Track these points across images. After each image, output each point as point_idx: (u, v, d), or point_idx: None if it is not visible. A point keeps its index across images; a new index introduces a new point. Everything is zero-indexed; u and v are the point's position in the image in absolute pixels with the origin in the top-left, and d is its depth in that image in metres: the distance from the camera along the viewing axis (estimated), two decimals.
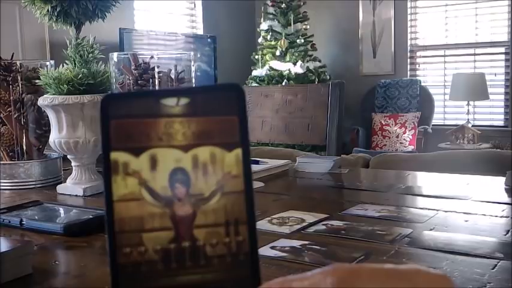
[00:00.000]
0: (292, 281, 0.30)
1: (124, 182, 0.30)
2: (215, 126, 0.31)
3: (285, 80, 5.18)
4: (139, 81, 1.03)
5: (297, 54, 5.34)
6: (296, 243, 0.80)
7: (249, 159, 0.31)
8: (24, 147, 1.30)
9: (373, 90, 5.57)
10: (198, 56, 5.19)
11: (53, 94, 1.16)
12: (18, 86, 1.29)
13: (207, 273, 0.31)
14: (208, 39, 5.40)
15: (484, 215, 0.96)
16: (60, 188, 1.21)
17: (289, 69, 5.24)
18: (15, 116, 1.29)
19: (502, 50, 5.26)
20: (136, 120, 0.31)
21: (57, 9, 1.16)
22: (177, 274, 0.30)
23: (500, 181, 1.21)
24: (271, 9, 5.45)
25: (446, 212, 0.98)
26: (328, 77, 5.44)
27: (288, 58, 5.33)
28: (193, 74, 1.10)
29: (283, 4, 5.40)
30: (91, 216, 0.90)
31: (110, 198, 0.30)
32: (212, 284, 0.31)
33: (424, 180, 1.38)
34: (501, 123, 5.31)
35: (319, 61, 5.43)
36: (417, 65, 5.73)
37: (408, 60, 5.69)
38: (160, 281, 0.30)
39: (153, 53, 1.08)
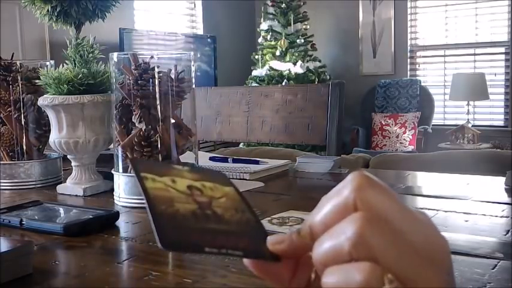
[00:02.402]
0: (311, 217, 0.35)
1: (153, 182, 0.38)
2: (213, 182, 0.41)
3: (285, 80, 5.18)
4: (139, 81, 1.03)
5: (297, 54, 5.34)
6: None
7: (240, 193, 0.41)
8: (24, 147, 1.30)
9: (373, 90, 5.57)
10: (198, 56, 5.19)
11: (53, 94, 1.16)
12: (18, 86, 1.29)
13: (230, 226, 0.37)
14: (208, 39, 5.40)
15: (484, 215, 0.96)
16: (60, 188, 1.21)
17: (289, 69, 5.24)
18: (15, 116, 1.29)
19: (502, 50, 5.26)
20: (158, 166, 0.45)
21: (57, 9, 1.16)
22: (207, 223, 0.36)
23: (500, 181, 1.21)
24: (271, 9, 5.46)
25: (446, 212, 0.98)
26: (328, 77, 5.44)
27: (288, 58, 5.33)
28: (193, 74, 1.10)
29: (283, 4, 5.40)
30: (91, 216, 0.90)
31: (145, 190, 0.36)
32: (235, 233, 0.37)
33: (424, 180, 1.38)
34: (501, 123, 5.31)
35: (319, 61, 5.43)
36: (417, 65, 5.73)
37: (408, 60, 5.69)
38: (194, 222, 0.36)
39: (153, 53, 1.08)
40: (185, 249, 0.37)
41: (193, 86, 1.10)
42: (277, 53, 5.36)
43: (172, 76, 1.05)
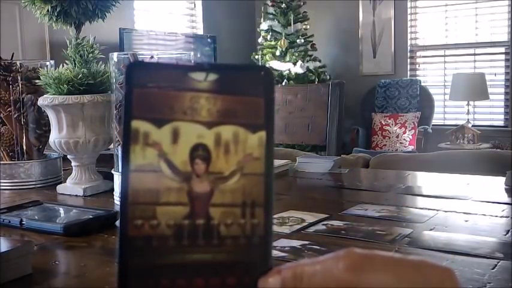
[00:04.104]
0: (304, 265, 0.30)
1: (143, 152, 0.30)
2: (241, 106, 0.31)
3: (285, 80, 5.18)
4: None
5: (297, 54, 5.34)
6: (296, 243, 0.80)
7: (272, 142, 0.31)
8: (24, 147, 1.30)
9: (373, 90, 5.56)
10: (198, 56, 5.19)
11: (53, 94, 1.16)
12: (18, 86, 1.29)
13: (218, 253, 0.30)
14: (208, 39, 5.40)
15: (484, 215, 0.96)
16: (60, 188, 1.21)
17: (289, 69, 5.24)
18: (15, 116, 1.29)
19: (502, 50, 5.26)
20: (162, 91, 0.30)
21: (57, 9, 1.15)
22: (188, 251, 0.30)
23: (500, 181, 1.21)
24: (271, 9, 5.45)
25: (446, 212, 0.98)
26: (328, 77, 5.44)
27: (288, 58, 5.32)
28: None
29: (283, 4, 5.40)
30: (91, 216, 0.90)
31: (126, 168, 0.29)
32: (223, 264, 0.30)
33: (424, 180, 1.38)
34: (501, 123, 5.31)
35: (319, 61, 5.43)
36: (417, 65, 5.73)
37: (408, 60, 5.69)
38: (170, 257, 0.30)
39: (153, 53, 1.08)
40: None
41: None
42: (277, 53, 5.35)
43: None
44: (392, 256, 0.31)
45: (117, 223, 0.92)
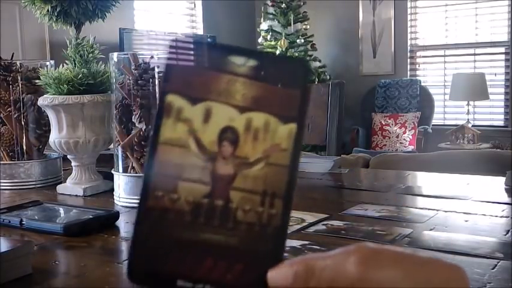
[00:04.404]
0: (315, 259, 0.30)
1: (174, 126, 0.30)
2: (276, 95, 0.31)
3: None
4: (139, 81, 1.03)
5: (297, 54, 5.34)
6: (296, 243, 0.80)
7: (302, 136, 0.31)
8: (24, 147, 1.30)
9: (373, 90, 5.56)
10: None
11: (53, 94, 1.16)
12: (18, 86, 1.29)
13: (232, 236, 0.30)
14: (208, 39, 5.40)
15: (484, 215, 0.96)
16: (60, 188, 1.21)
17: None
18: (15, 116, 1.29)
19: (502, 50, 5.26)
20: (200, 70, 0.31)
21: (57, 9, 1.15)
22: (203, 230, 0.30)
23: (500, 181, 1.21)
24: (271, 9, 5.45)
25: (446, 212, 0.98)
26: (328, 77, 5.44)
27: None
28: None
29: (283, 4, 5.40)
30: (91, 216, 0.90)
31: (155, 139, 0.30)
32: (234, 249, 0.30)
33: (424, 180, 1.38)
34: (501, 123, 5.31)
35: (319, 61, 5.43)
36: (417, 65, 5.73)
37: (408, 60, 5.69)
38: (185, 232, 0.30)
39: (153, 53, 1.08)
40: (154, 285, 0.30)
41: None
42: (277, 53, 5.35)
43: None
44: (402, 252, 0.31)
45: (118, 223, 0.92)
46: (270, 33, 5.40)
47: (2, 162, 1.28)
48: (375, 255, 0.30)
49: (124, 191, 1.06)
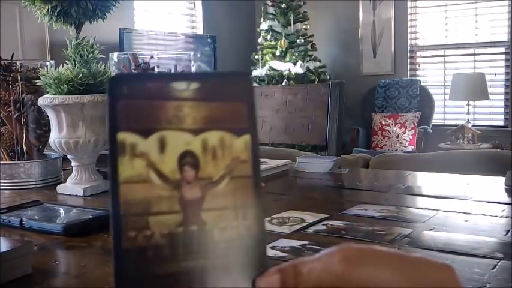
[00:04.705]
0: (302, 263, 0.30)
1: (131, 163, 0.30)
2: (224, 111, 0.31)
3: (285, 80, 5.18)
4: None
5: (297, 54, 5.34)
6: (296, 243, 0.80)
7: (257, 144, 0.32)
8: (24, 147, 1.30)
9: (373, 90, 5.56)
10: (198, 56, 5.19)
11: (53, 94, 1.16)
12: (18, 86, 1.29)
13: (214, 258, 0.30)
14: (208, 39, 5.40)
15: (484, 215, 0.96)
16: (60, 188, 1.21)
17: (289, 69, 5.24)
18: (15, 116, 1.29)
19: (502, 50, 5.26)
20: (146, 102, 0.30)
21: (57, 9, 1.16)
22: (184, 259, 0.30)
23: (500, 181, 1.21)
24: (271, 9, 5.45)
25: (446, 212, 0.98)
26: (328, 77, 5.44)
27: (288, 58, 5.32)
28: None
29: (283, 4, 5.39)
30: (91, 216, 0.90)
31: (115, 180, 0.29)
32: (220, 269, 0.30)
33: (424, 180, 1.38)
34: (501, 123, 5.31)
35: (319, 61, 5.43)
36: (417, 65, 5.73)
37: (408, 60, 5.69)
38: (166, 266, 0.29)
39: (153, 53, 1.08)
40: None
41: None
42: (277, 53, 5.35)
43: None
44: (388, 250, 0.31)
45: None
46: (270, 33, 5.40)
47: (2, 162, 1.28)
48: (360, 253, 0.30)
49: None
